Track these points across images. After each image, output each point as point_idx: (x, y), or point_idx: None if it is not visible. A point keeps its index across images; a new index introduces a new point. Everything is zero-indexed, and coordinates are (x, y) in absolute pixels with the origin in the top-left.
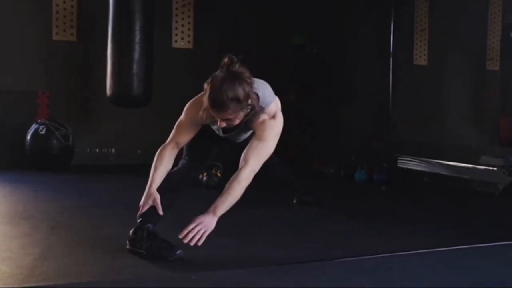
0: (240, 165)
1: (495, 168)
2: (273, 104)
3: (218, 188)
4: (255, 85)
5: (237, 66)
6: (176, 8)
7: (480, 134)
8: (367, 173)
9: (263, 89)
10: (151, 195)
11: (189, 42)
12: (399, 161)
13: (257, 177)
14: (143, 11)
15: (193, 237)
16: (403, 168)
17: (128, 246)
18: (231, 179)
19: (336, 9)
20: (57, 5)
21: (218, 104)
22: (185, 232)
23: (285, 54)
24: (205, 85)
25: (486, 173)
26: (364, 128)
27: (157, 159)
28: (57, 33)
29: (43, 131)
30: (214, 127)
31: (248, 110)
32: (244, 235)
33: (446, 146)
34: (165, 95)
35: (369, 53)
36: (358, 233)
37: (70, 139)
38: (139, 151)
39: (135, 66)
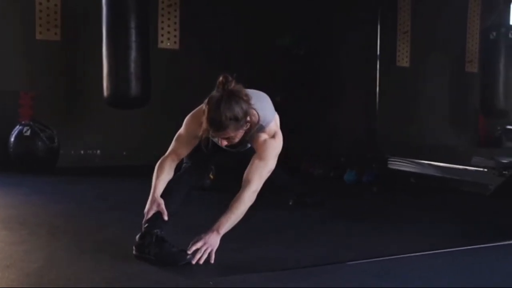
0: (243, 184)
1: (486, 170)
2: (273, 123)
3: (211, 190)
4: (253, 102)
5: (232, 84)
6: (162, 8)
7: (460, 134)
8: (357, 174)
9: (263, 107)
10: (155, 200)
11: (175, 42)
12: (389, 162)
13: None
14: (138, 10)
15: (201, 256)
16: (394, 169)
17: (135, 252)
18: (235, 198)
19: (323, 10)
20: (40, 3)
21: (217, 125)
22: (192, 250)
23: (271, 55)
24: (203, 106)
25: (477, 174)
26: (352, 128)
27: (158, 169)
28: (40, 32)
29: (28, 133)
30: (215, 139)
31: (248, 127)
32: (250, 239)
33: (431, 147)
34: (151, 95)
35: (356, 54)
36: (363, 235)
37: (56, 140)
38: (124, 153)
39: (132, 66)
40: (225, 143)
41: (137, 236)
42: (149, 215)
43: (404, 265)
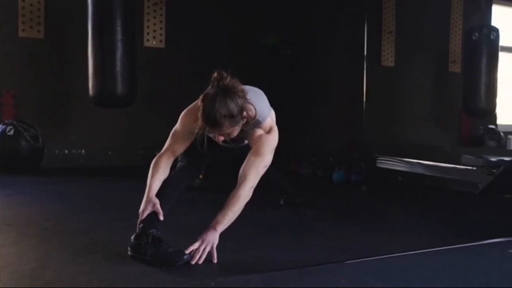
0: (239, 180)
1: (475, 168)
2: (269, 119)
3: (201, 190)
4: (249, 97)
5: (227, 80)
6: (148, 7)
7: (443, 133)
8: (345, 174)
9: (259, 102)
10: (150, 200)
11: (161, 41)
12: (378, 161)
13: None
14: (124, 9)
15: (201, 256)
16: (383, 168)
17: (130, 253)
18: (231, 194)
19: (310, 10)
20: (23, 0)
21: (212, 122)
22: (191, 249)
23: (258, 55)
24: (199, 102)
25: (466, 173)
26: (339, 128)
27: (153, 167)
28: (23, 30)
29: (11, 132)
30: (211, 135)
31: (244, 122)
32: (245, 239)
33: (416, 146)
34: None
35: (343, 54)
36: (357, 234)
37: (40, 140)
38: (109, 152)
39: (118, 65)
40: (221, 139)
41: (132, 237)
42: (144, 215)
43: (402, 263)
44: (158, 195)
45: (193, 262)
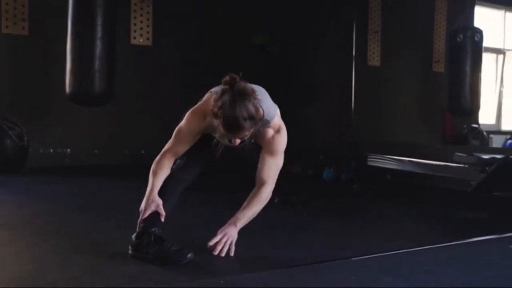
0: (259, 182)
1: (467, 166)
2: (276, 117)
3: (189, 187)
4: (259, 97)
5: (241, 83)
6: (135, 4)
7: (427, 132)
8: (335, 172)
9: (265, 100)
10: (153, 200)
11: (148, 39)
12: (369, 159)
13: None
14: (105, 7)
15: (223, 248)
16: (374, 166)
17: (131, 252)
18: (253, 195)
19: (299, 9)
20: None
21: (235, 127)
22: (214, 242)
23: (247, 54)
24: (214, 109)
25: (458, 171)
26: (329, 126)
27: (156, 166)
28: (6, 26)
29: None
30: (216, 135)
31: (260, 124)
32: (244, 237)
33: (404, 144)
34: (123, 93)
35: (331, 53)
36: (354, 233)
37: (25, 139)
38: (95, 151)
39: (97, 63)
40: (238, 141)
41: (133, 235)
42: (146, 215)
43: (409, 260)
44: (160, 193)
45: (215, 253)
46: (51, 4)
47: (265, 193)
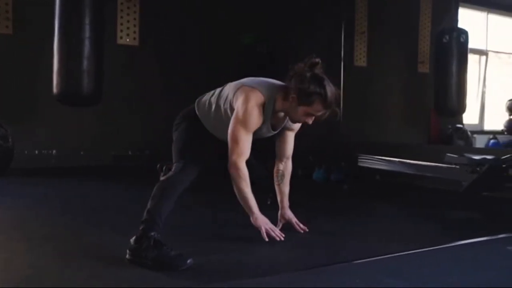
0: (285, 156)
1: (458, 166)
2: None
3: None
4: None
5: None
6: (121, 3)
7: (413, 132)
8: (325, 172)
9: None
10: (263, 218)
11: (134, 39)
12: (359, 160)
13: None
14: (92, 5)
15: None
16: (364, 167)
17: (128, 256)
18: (284, 172)
19: (287, 9)
20: None
21: (337, 101)
22: (297, 227)
23: (235, 53)
24: (308, 89)
25: (449, 171)
26: (317, 127)
27: (242, 176)
28: None
29: None
30: (264, 126)
31: None
32: (243, 239)
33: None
34: (109, 93)
35: (319, 53)
36: (351, 234)
37: (10, 140)
38: (81, 153)
39: (85, 63)
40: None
41: (132, 239)
42: (270, 234)
43: (412, 262)
44: (161, 197)
45: (301, 231)
46: (35, 3)
47: (291, 165)
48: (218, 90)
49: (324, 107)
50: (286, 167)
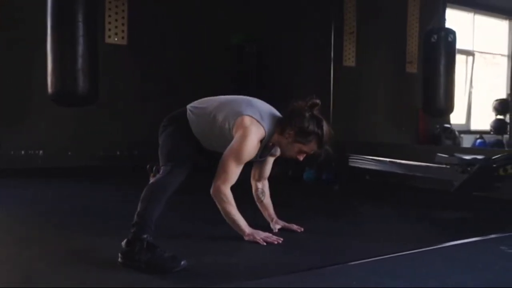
0: (263, 177)
1: (449, 166)
2: None
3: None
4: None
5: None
6: (110, 2)
7: (401, 132)
8: (316, 173)
9: None
10: (255, 231)
11: (123, 38)
12: (350, 160)
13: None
14: (85, 3)
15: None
16: (354, 167)
17: (120, 260)
18: (264, 190)
19: (276, 9)
20: None
21: (328, 142)
22: (293, 227)
23: (223, 53)
24: (307, 128)
25: (440, 171)
26: None
27: (227, 202)
28: None
29: None
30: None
31: None
32: (235, 241)
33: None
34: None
35: (309, 52)
36: (344, 235)
37: None
38: (69, 153)
39: (80, 62)
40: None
41: (123, 243)
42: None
43: (408, 262)
44: (151, 199)
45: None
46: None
47: (267, 183)
48: (221, 99)
49: (318, 147)
50: (264, 185)
